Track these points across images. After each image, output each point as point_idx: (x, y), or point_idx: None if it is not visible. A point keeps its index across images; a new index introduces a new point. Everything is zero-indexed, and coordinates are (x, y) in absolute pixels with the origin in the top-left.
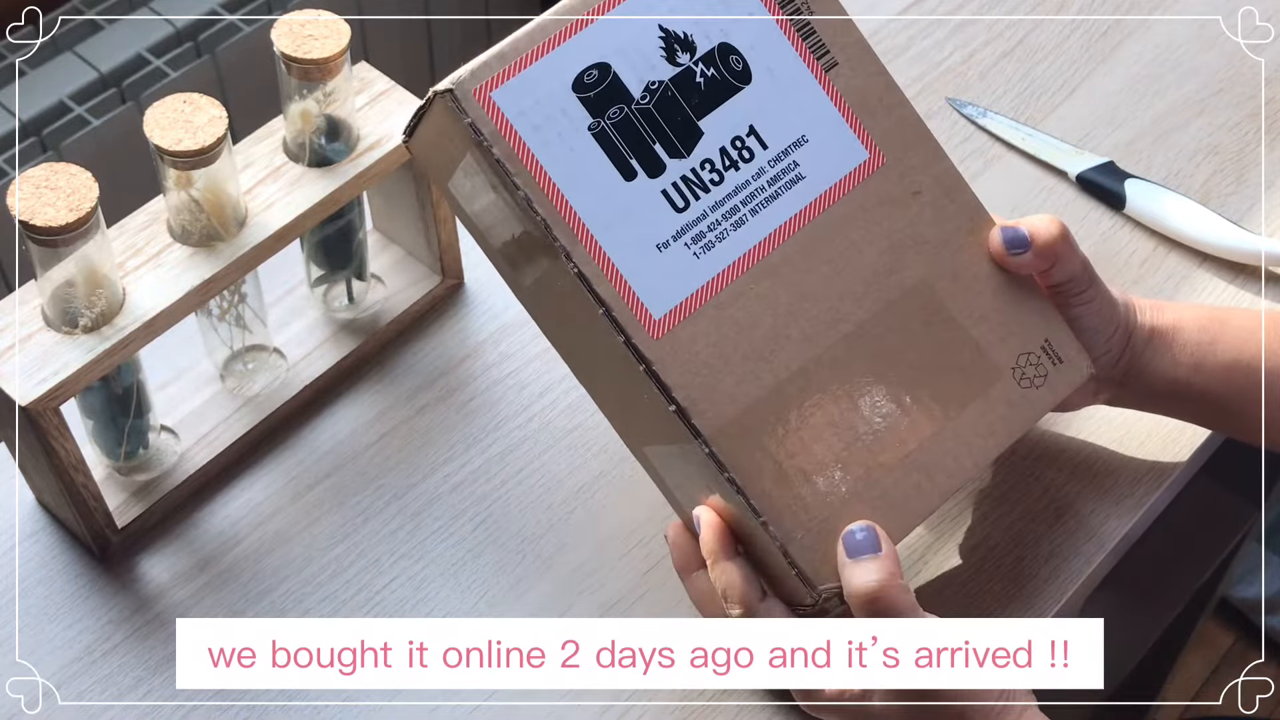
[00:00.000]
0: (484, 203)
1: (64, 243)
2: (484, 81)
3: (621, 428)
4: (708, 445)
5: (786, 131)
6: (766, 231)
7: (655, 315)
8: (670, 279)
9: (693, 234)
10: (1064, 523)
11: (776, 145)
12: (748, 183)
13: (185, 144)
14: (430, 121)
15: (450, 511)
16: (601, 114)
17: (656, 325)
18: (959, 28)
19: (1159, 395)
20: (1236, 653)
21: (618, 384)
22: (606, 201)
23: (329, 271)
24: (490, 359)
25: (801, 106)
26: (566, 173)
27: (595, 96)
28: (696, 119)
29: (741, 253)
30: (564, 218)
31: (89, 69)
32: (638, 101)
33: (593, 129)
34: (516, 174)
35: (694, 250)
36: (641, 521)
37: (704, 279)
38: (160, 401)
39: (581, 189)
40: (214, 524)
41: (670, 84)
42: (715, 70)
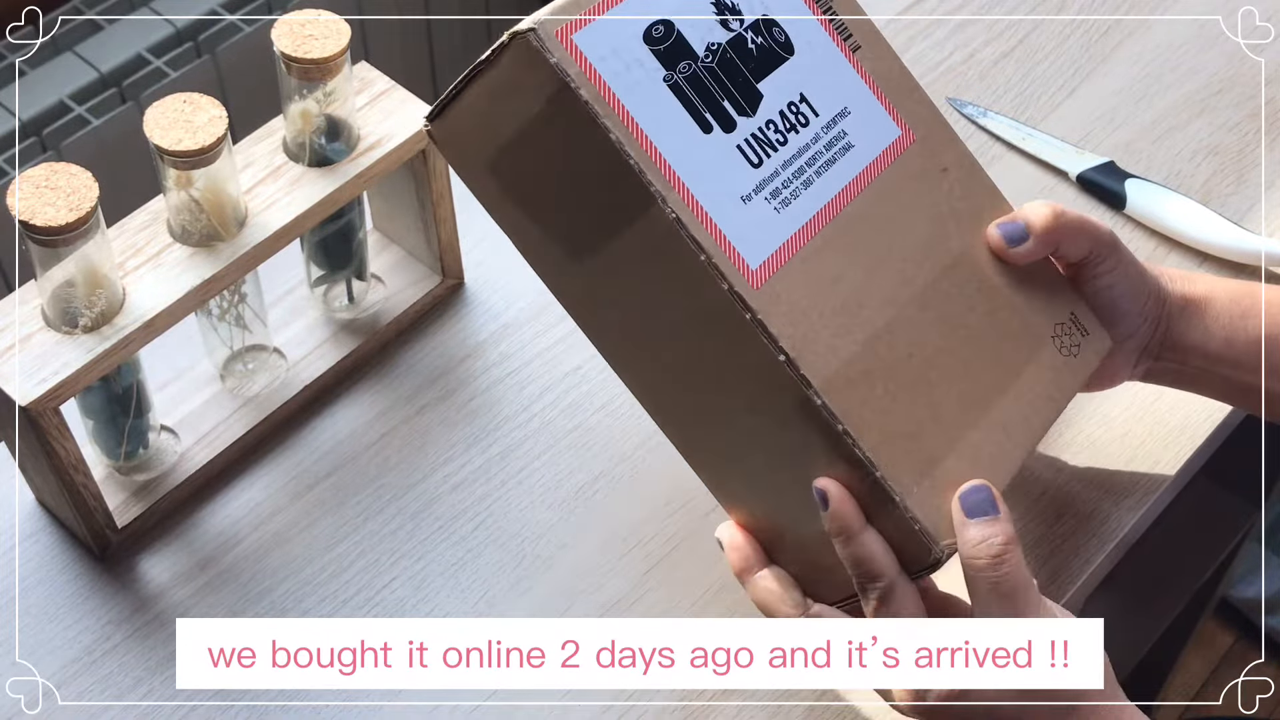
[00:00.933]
0: (550, 163)
1: (64, 243)
2: (566, 23)
3: (680, 416)
4: (819, 396)
5: (832, 102)
6: (833, 193)
7: (752, 266)
8: (758, 231)
9: (770, 189)
10: (1064, 523)
11: (825, 114)
12: (808, 145)
13: (185, 144)
14: (487, 80)
15: (450, 511)
16: (673, 67)
17: (754, 275)
18: (959, 28)
19: (1193, 369)
20: (1236, 653)
21: (692, 358)
22: (690, 151)
23: (329, 271)
24: (490, 359)
25: (840, 81)
26: (651, 120)
27: (665, 50)
28: (755, 81)
29: (816, 210)
30: (655, 162)
31: (89, 69)
32: (702, 59)
33: (667, 80)
34: (606, 116)
35: (774, 205)
36: (641, 521)
37: (787, 233)
38: (160, 401)
39: (666, 137)
40: (214, 524)
41: (728, 46)
42: (763, 39)
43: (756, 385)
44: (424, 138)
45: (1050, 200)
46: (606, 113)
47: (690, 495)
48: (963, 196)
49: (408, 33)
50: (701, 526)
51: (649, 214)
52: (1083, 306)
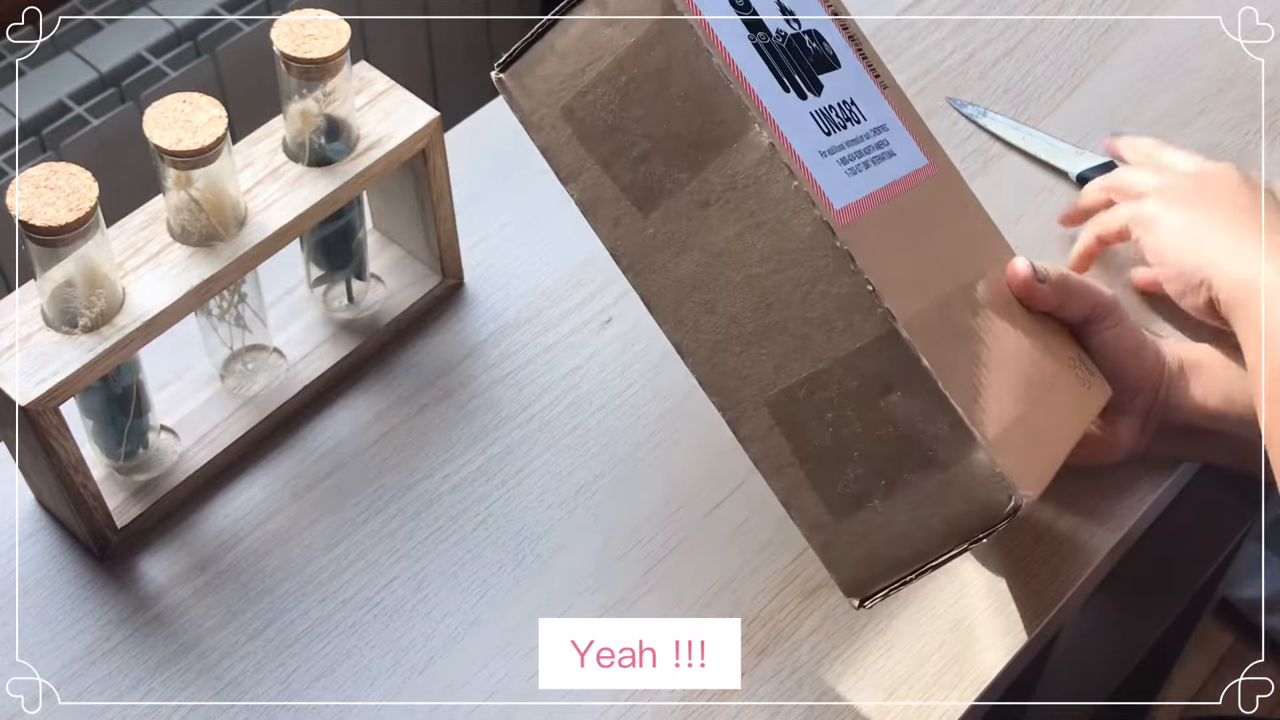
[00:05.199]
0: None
1: (64, 242)
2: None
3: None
4: (905, 330)
5: (875, 116)
6: (887, 181)
7: (835, 206)
8: (835, 183)
9: (840, 156)
10: (1063, 522)
11: (870, 122)
12: (862, 138)
13: (185, 144)
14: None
15: (450, 511)
16: (755, 33)
17: (838, 215)
18: (959, 28)
19: (1197, 432)
20: (1236, 653)
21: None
22: (777, 101)
23: (329, 271)
24: (490, 359)
25: (877, 103)
26: (744, 62)
27: (747, 21)
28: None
29: (877, 187)
30: (752, 97)
31: (89, 69)
32: (775, 38)
33: (751, 39)
34: (709, 43)
35: (844, 169)
36: (641, 521)
37: (860, 193)
38: (160, 401)
39: (758, 81)
40: (214, 524)
41: (793, 38)
42: (817, 45)
43: (839, 317)
44: (424, 137)
45: (1050, 199)
46: (710, 40)
47: (690, 495)
48: (981, 234)
49: (408, 33)
50: (701, 526)
51: (744, 140)
52: (1084, 354)
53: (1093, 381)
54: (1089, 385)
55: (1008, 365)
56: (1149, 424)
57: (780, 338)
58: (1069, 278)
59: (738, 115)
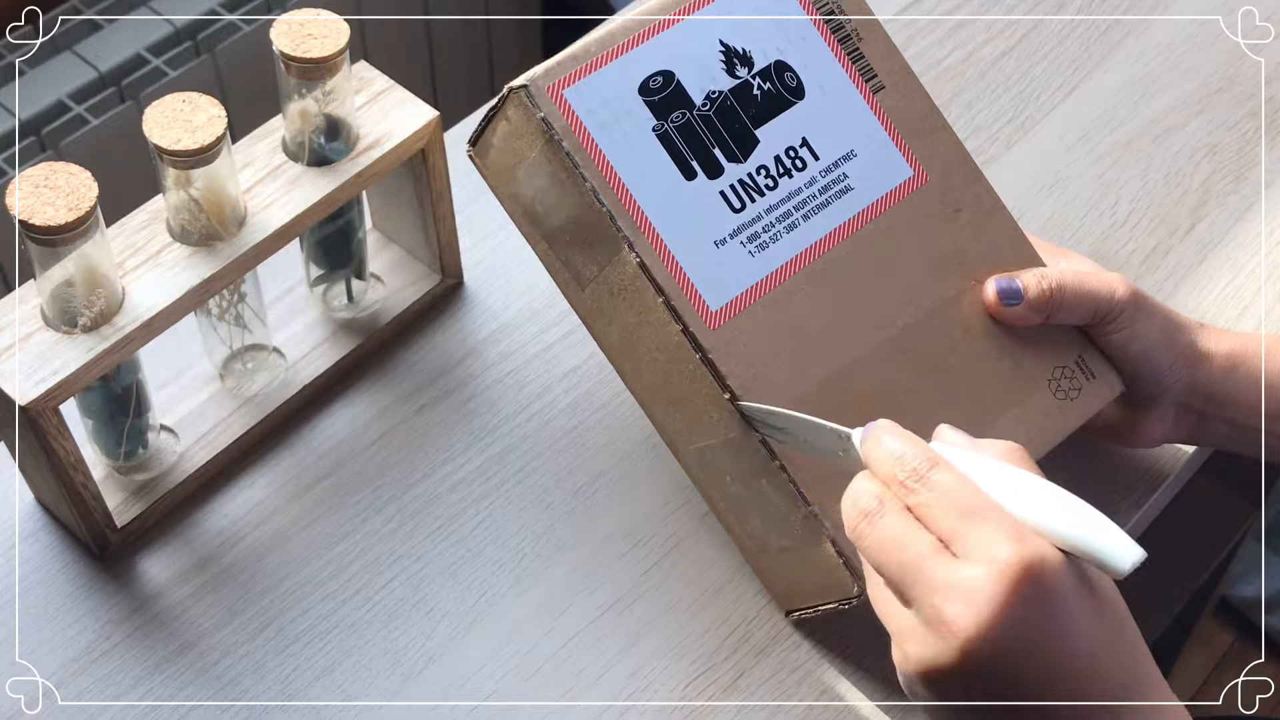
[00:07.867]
0: (550, 200)
1: (63, 242)
2: (557, 80)
3: (668, 427)
4: (760, 433)
5: (837, 145)
6: (817, 236)
7: (712, 307)
8: (727, 274)
9: (748, 233)
10: None
11: (827, 157)
12: (800, 189)
13: (184, 143)
14: (501, 121)
15: (450, 511)
16: (665, 117)
17: (713, 316)
18: (958, 27)
19: (1238, 425)
20: (1236, 653)
21: (668, 380)
22: (668, 198)
23: (328, 271)
24: (490, 359)
25: (851, 123)
26: (631, 169)
27: (660, 101)
28: (753, 128)
29: (794, 254)
30: (628, 210)
31: (88, 68)
32: (699, 108)
33: (656, 130)
34: (584, 166)
35: (749, 249)
36: (641, 521)
37: (758, 276)
38: (160, 401)
39: (644, 185)
40: (214, 523)
41: (729, 94)
42: (771, 84)
43: (714, 413)
44: (423, 137)
45: (1050, 199)
46: (585, 163)
47: (690, 495)
48: (974, 238)
49: (407, 33)
50: (701, 526)
51: (620, 256)
52: (1092, 351)
53: (1085, 388)
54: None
55: (939, 412)
56: (1187, 415)
57: (686, 409)
58: (1063, 287)
59: (612, 236)
